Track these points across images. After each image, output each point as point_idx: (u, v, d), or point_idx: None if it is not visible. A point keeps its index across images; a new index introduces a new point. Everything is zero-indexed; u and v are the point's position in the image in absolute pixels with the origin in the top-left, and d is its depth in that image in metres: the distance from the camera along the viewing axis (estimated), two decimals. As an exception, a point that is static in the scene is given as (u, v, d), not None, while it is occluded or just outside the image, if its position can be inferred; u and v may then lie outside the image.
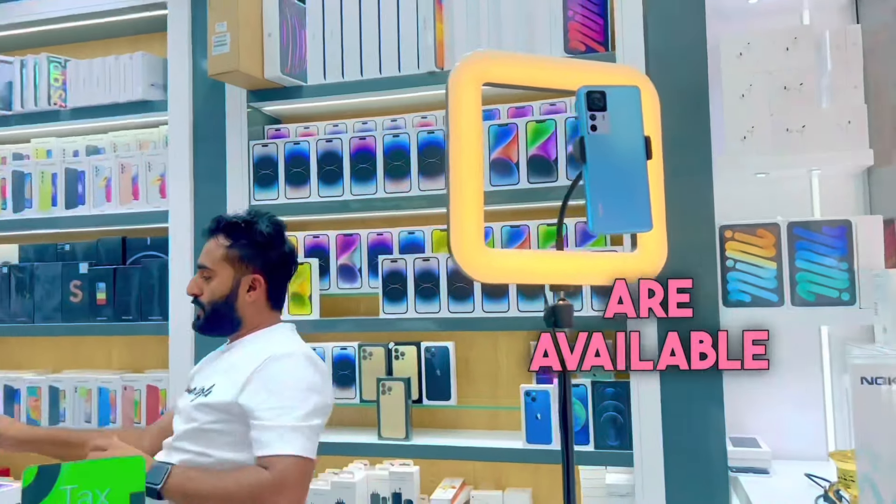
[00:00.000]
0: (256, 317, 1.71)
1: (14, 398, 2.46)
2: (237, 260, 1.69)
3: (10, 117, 2.51)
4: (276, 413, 1.52)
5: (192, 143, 2.35)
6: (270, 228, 1.73)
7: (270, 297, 1.73)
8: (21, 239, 2.64)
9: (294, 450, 1.49)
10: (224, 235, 1.70)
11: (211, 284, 1.69)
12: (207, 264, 1.70)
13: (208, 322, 1.71)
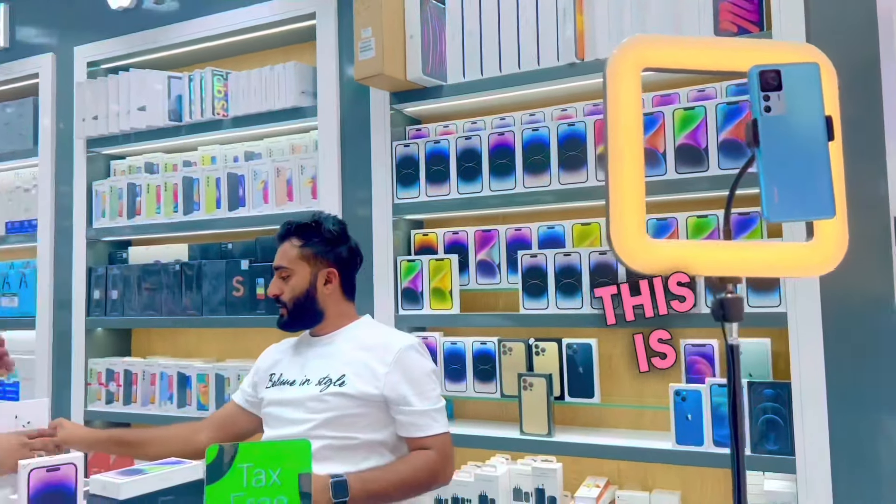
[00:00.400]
0: (335, 307, 1.83)
1: (186, 384, 2.70)
2: (312, 257, 1.80)
3: (180, 128, 2.76)
4: (422, 399, 1.69)
5: (340, 145, 2.47)
6: (337, 226, 1.85)
7: (344, 288, 1.85)
8: (190, 239, 2.89)
9: (442, 427, 1.70)
10: (296, 237, 1.82)
11: (290, 283, 1.79)
12: (285, 265, 1.81)
13: (292, 317, 1.82)
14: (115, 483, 1.37)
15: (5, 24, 3.26)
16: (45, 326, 3.02)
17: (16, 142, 3.18)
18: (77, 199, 2.97)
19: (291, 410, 1.75)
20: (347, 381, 1.70)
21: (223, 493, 1.17)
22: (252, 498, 1.17)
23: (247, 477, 1.18)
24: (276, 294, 1.81)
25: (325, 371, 1.75)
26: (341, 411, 1.69)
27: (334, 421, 1.69)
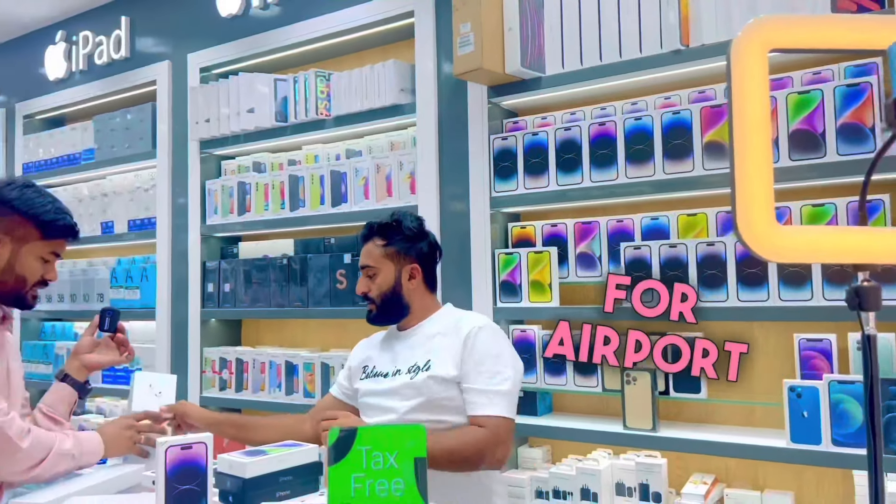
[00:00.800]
0: (419, 300, 1.91)
1: (293, 372, 2.83)
2: (395, 255, 1.88)
3: (286, 128, 2.88)
4: (481, 377, 1.75)
5: (438, 140, 2.51)
6: (416, 223, 1.92)
7: (427, 282, 1.93)
8: (295, 234, 3.01)
9: (502, 411, 1.73)
10: (379, 237, 1.90)
11: (377, 280, 1.88)
12: (371, 263, 1.90)
13: (380, 312, 1.91)
14: (242, 462, 1.46)
15: (126, 36, 3.50)
16: (164, 317, 3.23)
17: (136, 145, 3.42)
18: (192, 198, 3.16)
19: (386, 399, 1.85)
20: (433, 366, 1.80)
21: (344, 473, 1.22)
22: (371, 479, 1.22)
23: (366, 459, 1.23)
24: (364, 292, 1.91)
25: (412, 360, 1.85)
26: (431, 395, 1.78)
27: (426, 405, 1.78)
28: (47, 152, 3.81)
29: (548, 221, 2.35)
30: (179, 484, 1.39)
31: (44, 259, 1.52)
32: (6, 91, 4.16)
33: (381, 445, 1.24)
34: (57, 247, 1.54)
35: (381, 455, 1.24)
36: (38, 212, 1.49)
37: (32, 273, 1.51)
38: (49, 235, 1.51)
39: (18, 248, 1.48)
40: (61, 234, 1.53)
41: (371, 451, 1.24)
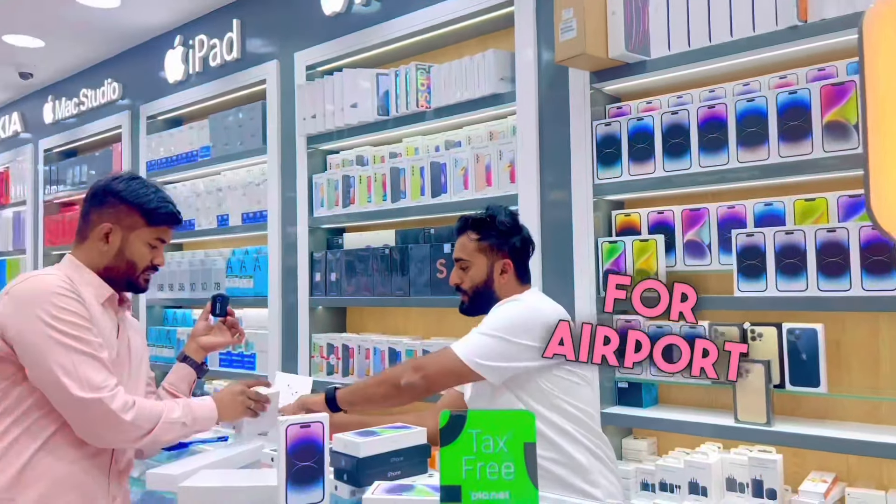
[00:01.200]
0: (510, 294, 1.91)
1: (396, 358, 2.90)
2: (488, 249, 1.91)
3: (387, 121, 2.95)
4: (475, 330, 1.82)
5: (538, 129, 2.50)
6: (509, 217, 1.93)
7: (519, 276, 1.93)
8: (396, 225, 3.09)
9: (456, 348, 1.78)
10: (473, 230, 1.92)
11: (469, 273, 1.92)
12: (464, 256, 1.93)
13: (472, 304, 1.94)
14: (356, 442, 1.53)
15: (238, 38, 3.69)
16: (276, 305, 3.39)
17: (248, 142, 3.60)
18: (300, 191, 3.30)
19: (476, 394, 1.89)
20: None
21: (455, 455, 1.25)
22: (481, 462, 1.24)
23: (476, 442, 1.26)
24: (457, 283, 1.95)
25: None
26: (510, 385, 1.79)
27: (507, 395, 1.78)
28: (168, 151, 4.08)
29: (654, 209, 2.29)
30: (298, 461, 1.47)
31: (151, 245, 1.62)
32: (131, 94, 4.48)
33: (491, 429, 1.26)
34: (162, 233, 1.63)
35: (490, 439, 1.26)
36: (143, 201, 1.60)
37: (141, 258, 1.60)
38: (154, 222, 1.61)
39: (127, 236, 1.59)
40: (165, 222, 1.63)
41: (481, 435, 1.26)
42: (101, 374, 1.44)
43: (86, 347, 1.45)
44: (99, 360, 1.46)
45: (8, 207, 5.71)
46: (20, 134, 5.61)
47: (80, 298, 1.49)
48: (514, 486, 1.23)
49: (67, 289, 1.48)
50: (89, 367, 1.43)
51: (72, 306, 1.47)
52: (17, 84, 5.21)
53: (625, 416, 2.28)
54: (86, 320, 1.48)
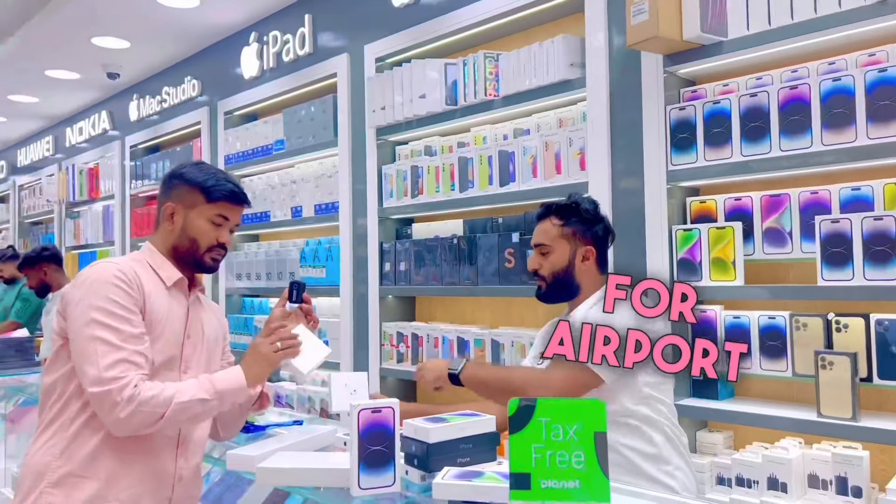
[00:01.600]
0: (590, 282, 1.90)
1: (465, 347, 2.92)
2: (571, 235, 1.90)
3: (455, 111, 2.96)
4: None
5: (609, 114, 2.45)
6: (593, 206, 1.92)
7: (599, 264, 1.93)
8: (464, 215, 3.10)
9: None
10: (556, 216, 1.91)
11: (550, 259, 1.90)
12: (545, 242, 1.91)
13: (550, 290, 1.93)
14: (426, 428, 1.54)
15: (310, 32, 3.77)
16: (347, 294, 3.47)
17: (320, 135, 3.68)
18: (370, 183, 3.35)
19: None
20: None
21: (525, 442, 1.25)
22: (551, 450, 1.24)
23: (545, 430, 1.25)
24: (535, 269, 1.94)
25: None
26: None
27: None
28: (244, 145, 4.22)
29: (731, 195, 2.21)
30: (370, 445, 1.51)
31: (213, 222, 1.64)
32: (209, 91, 4.65)
33: (561, 418, 1.25)
34: (223, 209, 1.64)
35: (560, 427, 1.25)
36: (202, 178, 1.65)
37: (202, 235, 1.63)
38: (212, 198, 1.63)
39: (189, 213, 1.64)
40: (224, 198, 1.64)
41: (550, 423, 1.26)
42: (118, 366, 1.46)
43: (113, 337, 1.48)
44: (124, 351, 1.47)
45: (98, 202, 6.04)
46: (108, 131, 5.92)
47: (133, 286, 1.53)
48: (585, 475, 1.23)
49: (119, 277, 1.52)
50: (109, 358, 1.46)
51: (117, 295, 1.51)
52: (106, 84, 5.50)
53: (700, 409, 2.22)
54: (128, 310, 1.51)
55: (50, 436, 1.57)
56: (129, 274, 1.55)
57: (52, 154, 6.98)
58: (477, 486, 1.34)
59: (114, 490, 1.55)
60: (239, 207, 1.69)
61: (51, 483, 1.53)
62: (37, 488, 1.53)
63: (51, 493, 1.52)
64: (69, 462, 1.53)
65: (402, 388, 3.32)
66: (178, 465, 1.64)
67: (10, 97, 5.98)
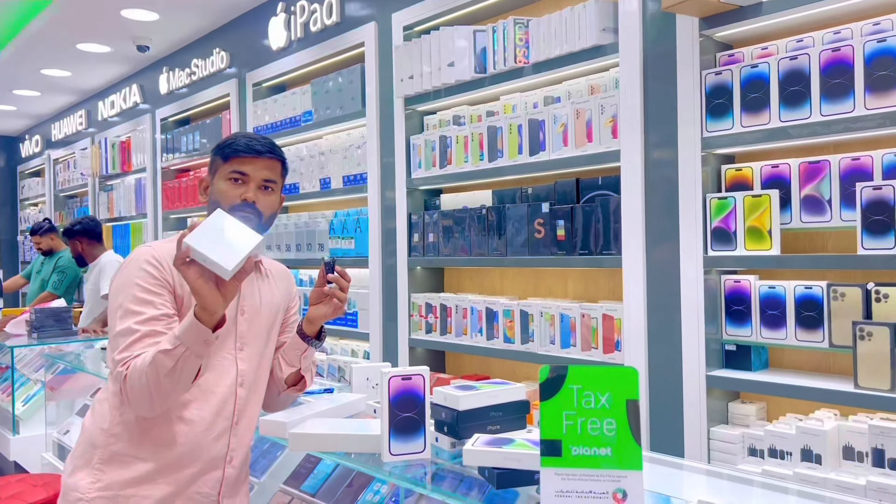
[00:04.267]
0: None
1: (493, 318, 2.92)
2: None
3: (484, 79, 2.92)
4: None
5: (643, 80, 2.39)
6: None
7: None
8: (493, 185, 3.07)
9: None
10: None
11: None
12: None
13: None
14: (456, 395, 1.55)
15: (337, 2, 3.74)
16: (376, 265, 3.48)
17: (347, 105, 3.66)
18: (398, 154, 3.34)
19: None
20: None
21: (556, 409, 1.24)
22: (582, 417, 1.23)
23: (577, 398, 1.24)
24: None
25: None
26: None
27: None
28: (272, 116, 4.23)
29: (768, 162, 2.16)
30: (401, 411, 1.51)
31: (232, 180, 1.57)
32: (238, 63, 4.65)
33: (592, 385, 1.24)
34: (237, 165, 1.57)
35: (592, 395, 1.24)
36: (222, 142, 1.63)
37: (223, 195, 1.56)
38: (226, 155, 1.59)
39: (213, 179, 1.62)
40: (234, 152, 1.57)
41: (582, 391, 1.25)
42: (127, 350, 1.43)
43: (131, 321, 1.45)
44: (137, 334, 1.43)
45: (130, 174, 6.13)
46: (139, 105, 5.98)
47: (163, 266, 1.50)
48: (617, 443, 1.22)
49: (149, 261, 1.50)
50: (125, 341, 1.44)
51: (142, 279, 1.48)
52: (136, 57, 5.54)
53: (732, 380, 2.20)
54: (151, 292, 1.48)
55: (106, 407, 1.57)
56: (161, 254, 1.53)
57: (84, 128, 7.08)
58: (507, 452, 1.34)
59: (163, 472, 1.54)
60: (260, 160, 1.58)
61: (102, 459, 1.54)
62: (89, 464, 1.54)
63: (101, 469, 1.53)
64: (119, 440, 1.53)
65: (430, 359, 3.34)
66: (231, 447, 1.61)
67: (42, 71, 6.06)
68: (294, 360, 1.72)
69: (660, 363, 2.36)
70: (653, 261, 2.38)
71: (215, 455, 1.59)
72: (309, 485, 2.12)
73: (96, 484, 1.52)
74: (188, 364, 1.38)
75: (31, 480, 2.83)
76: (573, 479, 1.22)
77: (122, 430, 1.54)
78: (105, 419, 1.56)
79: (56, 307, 4.06)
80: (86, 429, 1.59)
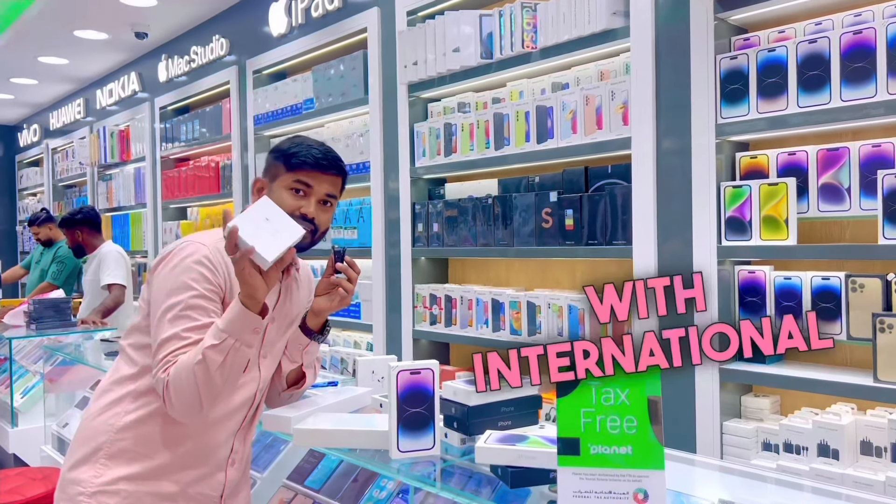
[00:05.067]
0: None
1: (500, 310, 2.86)
2: None
3: (490, 65, 2.85)
4: None
5: (655, 65, 2.33)
6: None
7: None
8: (498, 174, 3.01)
9: None
10: None
11: None
12: None
13: None
14: (466, 390, 1.49)
15: (339, -13, 3.66)
16: (379, 256, 3.42)
17: (350, 93, 3.59)
18: (401, 142, 3.27)
19: None
20: None
21: (573, 406, 1.19)
22: (601, 415, 1.18)
23: (595, 394, 1.19)
24: None
25: None
26: None
27: None
28: (273, 104, 4.16)
29: (784, 149, 2.09)
30: (410, 407, 1.46)
31: (293, 190, 1.50)
32: (238, 50, 4.58)
33: (612, 382, 1.19)
34: (302, 176, 1.50)
35: (611, 391, 1.19)
36: (282, 147, 1.55)
37: (281, 204, 1.44)
38: (291, 165, 1.50)
39: (272, 186, 1.52)
40: (301, 163, 1.50)
41: (601, 388, 1.19)
42: (173, 357, 1.37)
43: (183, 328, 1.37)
44: (186, 341, 1.37)
45: (129, 164, 6.06)
46: (138, 93, 5.90)
47: (218, 271, 1.43)
48: (638, 441, 1.16)
49: (203, 263, 1.42)
50: (171, 346, 1.37)
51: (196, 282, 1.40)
52: (134, 44, 5.46)
53: (745, 373, 2.14)
54: (205, 297, 1.41)
55: (115, 401, 1.50)
56: (216, 258, 1.45)
57: (83, 117, 7.00)
58: (522, 450, 1.29)
59: (169, 470, 1.49)
60: (324, 176, 1.52)
61: (108, 455, 1.48)
62: (92, 459, 1.48)
63: (105, 464, 1.47)
64: (128, 437, 1.47)
65: (435, 351, 3.28)
66: (235, 449, 1.57)
67: (40, 59, 5.98)
68: (295, 356, 1.66)
69: (671, 356, 2.30)
70: (664, 251, 2.32)
71: (221, 457, 1.55)
72: (313, 480, 2.07)
73: (99, 478, 1.47)
74: (238, 356, 1.34)
75: (31, 474, 2.79)
76: (592, 478, 1.17)
77: (132, 428, 1.48)
78: (115, 416, 1.49)
79: (55, 298, 4.01)
80: (89, 423, 1.53)
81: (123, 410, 1.49)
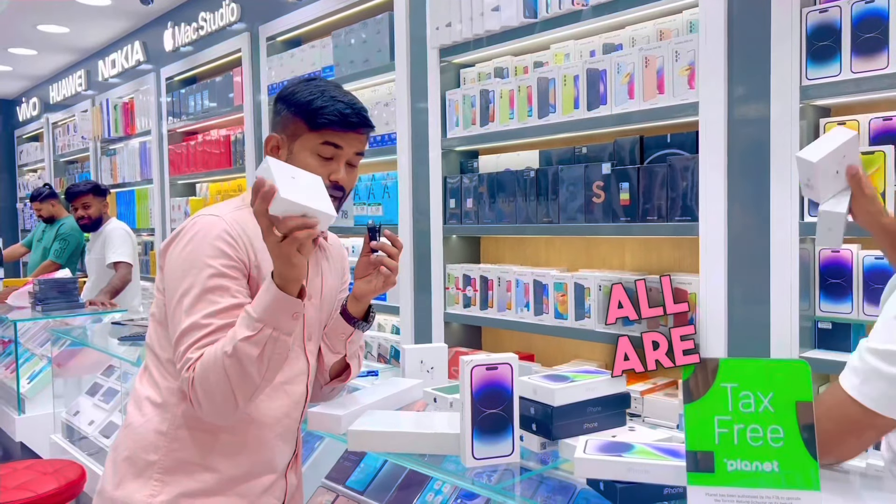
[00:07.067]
0: None
1: (543, 292, 2.65)
2: None
3: (534, 25, 2.61)
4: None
5: (727, 21, 2.09)
6: None
7: None
8: (540, 145, 2.78)
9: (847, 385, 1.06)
10: None
11: None
12: None
13: None
14: (550, 388, 1.29)
15: (362, -57, 3.40)
16: (407, 234, 3.21)
17: (374, 58, 3.35)
18: (431, 111, 3.04)
19: None
20: None
21: (705, 413, 0.99)
22: (740, 423, 0.98)
23: (731, 399, 0.99)
24: None
25: None
26: None
27: None
28: (289, 73, 3.91)
29: (878, 114, 1.87)
30: (485, 407, 1.26)
31: (320, 155, 1.30)
32: (249, 16, 4.32)
33: (751, 383, 0.99)
34: (331, 137, 1.30)
35: (751, 395, 0.98)
36: (300, 98, 1.31)
37: (307, 169, 1.24)
38: (316, 126, 1.29)
39: (293, 146, 1.31)
40: (329, 124, 1.28)
41: (738, 390, 0.99)
42: (195, 350, 1.18)
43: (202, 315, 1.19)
44: (209, 328, 1.18)
45: (134, 138, 5.82)
46: (142, 63, 5.64)
47: (239, 245, 1.24)
48: (785, 456, 0.96)
49: (220, 237, 1.23)
50: (191, 338, 1.19)
51: (216, 260, 1.21)
52: (139, 11, 5.20)
53: (826, 362, 1.94)
54: (227, 277, 1.21)
55: (159, 405, 1.29)
56: (234, 229, 1.25)
57: (84, 89, 6.74)
58: (632, 462, 1.09)
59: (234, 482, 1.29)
60: (354, 134, 1.32)
61: (163, 468, 1.26)
62: (144, 474, 1.26)
63: (161, 480, 1.26)
64: (185, 445, 1.27)
65: (466, 334, 3.09)
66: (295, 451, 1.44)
67: (39, 27, 5.71)
68: (338, 346, 1.47)
69: (741, 342, 2.10)
70: (735, 228, 2.11)
71: (284, 461, 1.38)
72: (355, 480, 1.88)
73: (157, 497, 1.25)
74: (277, 347, 1.16)
75: (41, 467, 2.60)
76: (730, 499, 0.97)
77: (187, 434, 1.27)
78: (163, 420, 1.28)
79: (61, 278, 3.81)
80: (132, 430, 1.30)
81: (171, 415, 1.28)
